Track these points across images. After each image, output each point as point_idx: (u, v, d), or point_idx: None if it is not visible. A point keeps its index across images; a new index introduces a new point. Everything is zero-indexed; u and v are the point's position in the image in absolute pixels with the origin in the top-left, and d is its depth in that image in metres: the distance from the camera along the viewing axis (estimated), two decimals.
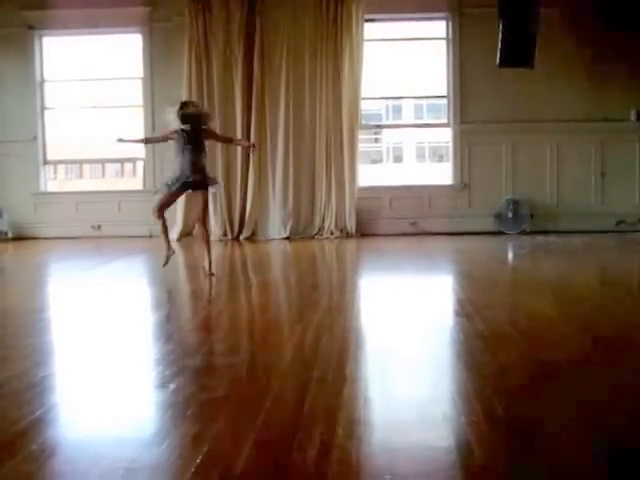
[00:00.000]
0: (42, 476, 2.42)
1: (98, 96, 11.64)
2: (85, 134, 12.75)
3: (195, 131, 6.85)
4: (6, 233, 11.18)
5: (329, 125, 10.74)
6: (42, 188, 11.56)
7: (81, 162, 15.55)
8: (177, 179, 6.83)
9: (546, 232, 10.47)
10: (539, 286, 6.33)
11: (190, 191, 6.99)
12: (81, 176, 17.94)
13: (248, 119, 10.78)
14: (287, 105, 10.73)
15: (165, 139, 7.30)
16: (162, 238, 7.07)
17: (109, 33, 11.45)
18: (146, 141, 8.85)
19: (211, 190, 7.02)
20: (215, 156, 10.79)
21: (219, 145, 10.72)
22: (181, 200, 10.84)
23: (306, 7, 10.68)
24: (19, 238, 11.19)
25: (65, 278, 7.67)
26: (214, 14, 10.70)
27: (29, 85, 11.35)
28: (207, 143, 7.07)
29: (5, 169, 11.32)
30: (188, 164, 6.78)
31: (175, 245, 10.36)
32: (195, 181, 6.83)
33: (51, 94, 11.60)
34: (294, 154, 10.77)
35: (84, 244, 10.70)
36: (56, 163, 12.52)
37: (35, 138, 11.35)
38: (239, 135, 10.72)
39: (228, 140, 8.91)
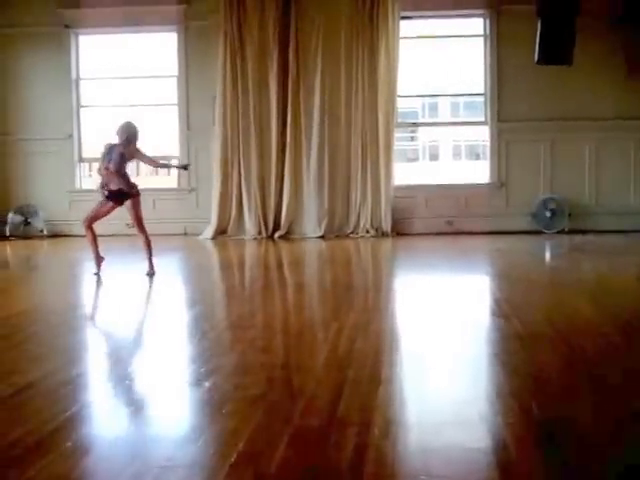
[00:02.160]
0: (76, 474, 2.41)
1: (133, 94, 11.71)
2: None
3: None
4: (42, 230, 11.29)
5: (365, 123, 10.69)
6: (77, 186, 11.65)
7: None
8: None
9: (584, 231, 10.31)
10: (577, 286, 6.23)
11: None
12: None
13: (283, 116, 10.77)
14: (322, 103, 10.70)
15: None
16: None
17: (144, 31, 11.52)
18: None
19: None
20: (250, 157, 10.82)
21: (254, 146, 10.76)
22: (216, 200, 10.92)
23: (342, 4, 10.64)
24: (54, 235, 11.29)
25: (99, 276, 7.71)
26: (249, 12, 10.70)
27: (65, 83, 11.44)
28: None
29: (41, 167, 11.44)
30: None
31: (209, 244, 10.42)
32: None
33: (87, 92, 11.69)
34: (329, 152, 10.73)
35: (118, 242, 10.75)
36: (91, 161, 12.59)
37: (71, 136, 11.46)
38: (274, 133, 10.71)
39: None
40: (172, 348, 4.24)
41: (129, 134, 7.12)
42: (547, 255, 9.26)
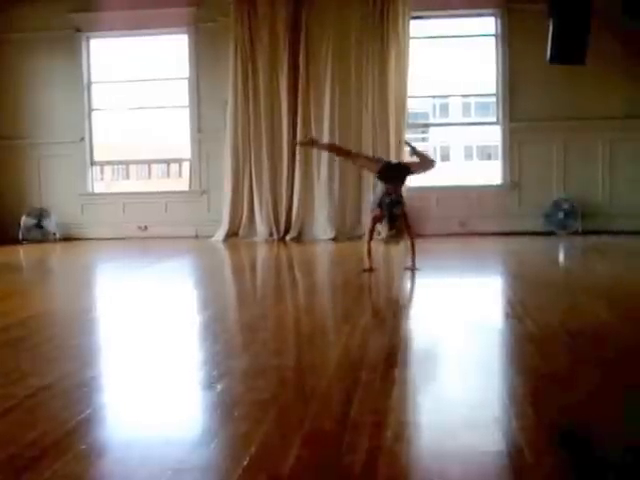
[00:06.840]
0: (90, 476, 2.41)
1: (144, 97, 11.75)
2: (132, 135, 12.89)
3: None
4: (54, 234, 11.34)
5: (375, 124, 10.68)
6: (89, 189, 11.70)
7: (127, 163, 15.72)
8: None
9: (598, 232, 10.26)
10: (592, 288, 6.18)
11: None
12: (127, 177, 18.15)
13: (294, 119, 10.78)
14: (333, 104, 10.70)
15: None
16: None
17: (155, 34, 11.56)
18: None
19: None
20: (261, 159, 10.82)
21: (265, 149, 10.76)
22: (227, 202, 10.93)
23: (352, 5, 10.65)
24: (66, 239, 11.34)
25: (112, 279, 7.74)
26: (259, 14, 10.72)
27: (76, 87, 11.50)
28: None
29: (53, 170, 11.50)
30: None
31: (221, 246, 10.43)
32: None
33: (98, 96, 11.74)
34: None
35: (131, 245, 10.80)
36: (103, 164, 12.67)
37: (82, 139, 11.50)
38: (285, 135, 10.73)
39: None
40: (184, 351, 4.24)
41: None
42: (561, 256, 9.21)
